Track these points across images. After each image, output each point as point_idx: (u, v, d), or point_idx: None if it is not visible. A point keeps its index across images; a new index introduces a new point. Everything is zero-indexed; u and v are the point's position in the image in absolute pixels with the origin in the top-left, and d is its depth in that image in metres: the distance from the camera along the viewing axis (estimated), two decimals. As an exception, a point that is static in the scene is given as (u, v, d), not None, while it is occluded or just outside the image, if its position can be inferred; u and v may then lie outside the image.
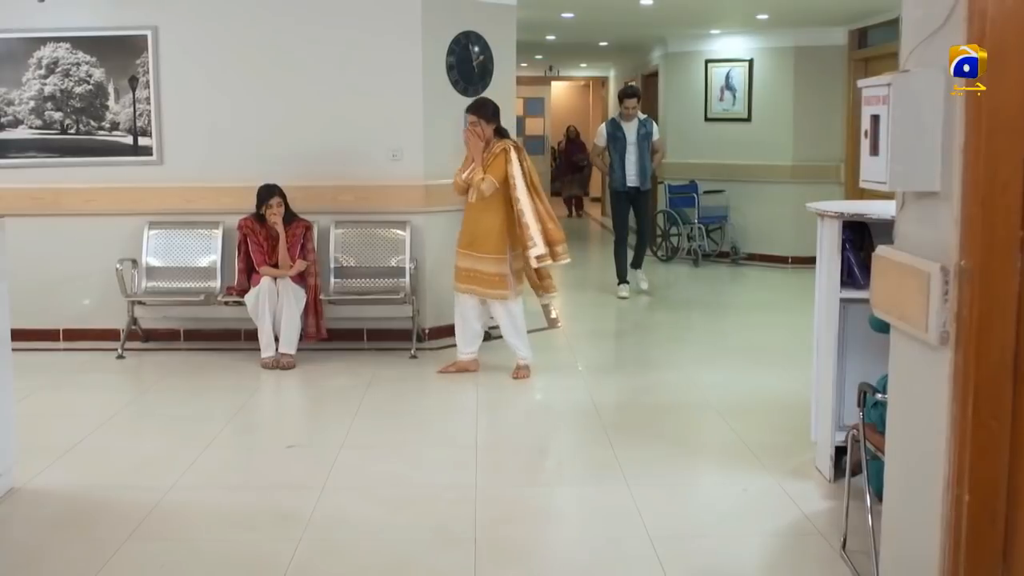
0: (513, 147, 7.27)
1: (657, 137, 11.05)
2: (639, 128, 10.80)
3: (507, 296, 7.32)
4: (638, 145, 10.77)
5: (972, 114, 2.88)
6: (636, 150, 10.78)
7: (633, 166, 10.79)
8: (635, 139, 10.77)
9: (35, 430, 5.87)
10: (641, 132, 10.79)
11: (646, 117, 11.06)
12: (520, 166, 7.21)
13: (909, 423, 3.35)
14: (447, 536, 4.57)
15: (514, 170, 7.19)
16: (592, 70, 22.28)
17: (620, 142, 10.80)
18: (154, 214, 8.34)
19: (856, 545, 4.26)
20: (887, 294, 3.36)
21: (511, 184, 7.19)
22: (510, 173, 7.18)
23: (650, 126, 10.95)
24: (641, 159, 10.78)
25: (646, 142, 10.80)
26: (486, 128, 7.30)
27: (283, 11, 8.28)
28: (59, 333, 8.45)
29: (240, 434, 6.29)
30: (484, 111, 7.34)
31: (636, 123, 10.82)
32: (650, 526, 4.61)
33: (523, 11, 9.21)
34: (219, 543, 4.50)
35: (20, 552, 4.49)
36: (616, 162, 10.83)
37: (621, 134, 10.81)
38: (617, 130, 10.85)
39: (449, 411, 6.76)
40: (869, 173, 3.33)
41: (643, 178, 10.82)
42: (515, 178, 7.18)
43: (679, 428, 6.51)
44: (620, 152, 10.80)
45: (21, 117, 8.35)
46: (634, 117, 10.83)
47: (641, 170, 10.79)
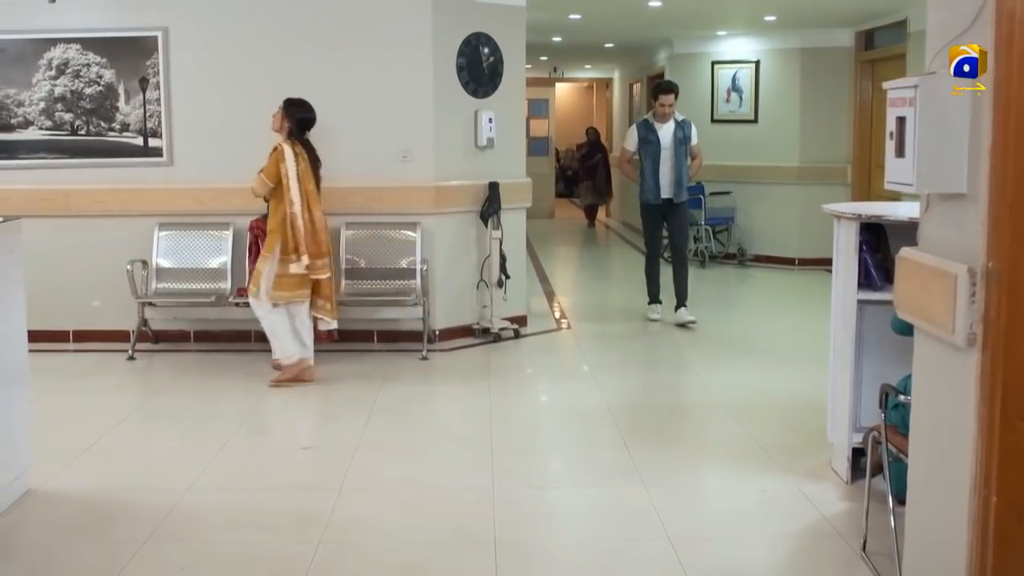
0: (291, 146, 7.15)
1: (696, 142, 9.53)
2: (675, 131, 9.34)
3: (251, 292, 7.26)
4: (674, 151, 9.29)
5: (1000, 116, 2.88)
6: (671, 156, 9.30)
7: (667, 175, 9.32)
8: (670, 143, 9.30)
9: (48, 432, 5.86)
10: (678, 136, 9.31)
11: (684, 119, 9.50)
12: (296, 167, 7.09)
13: (934, 424, 3.35)
14: (466, 537, 4.57)
15: (286, 170, 7.07)
16: (596, 71, 22.27)
17: (653, 146, 9.34)
18: (164, 215, 8.34)
19: (876, 547, 4.25)
20: (912, 296, 3.36)
21: (284, 185, 7.09)
22: (282, 173, 7.08)
23: (688, 129, 9.43)
24: (676, 167, 9.30)
25: (683, 147, 9.34)
26: (283, 121, 7.23)
27: (294, 12, 8.29)
28: (69, 334, 8.45)
29: (254, 435, 6.30)
30: (287, 105, 7.30)
31: (672, 125, 9.37)
32: (669, 527, 4.61)
33: (531, 12, 9.21)
34: (238, 545, 4.50)
35: (38, 555, 4.49)
36: (648, 169, 9.37)
37: (654, 137, 9.33)
38: (650, 132, 9.38)
39: (462, 413, 6.76)
40: (895, 175, 3.34)
41: (678, 189, 9.36)
42: (287, 179, 7.07)
43: (693, 429, 6.53)
44: (652, 158, 9.33)
45: (31, 118, 8.35)
46: (670, 117, 9.37)
47: (676, 180, 9.32)
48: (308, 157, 7.20)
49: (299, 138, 7.23)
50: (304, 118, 7.29)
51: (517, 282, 8.94)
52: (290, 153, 7.10)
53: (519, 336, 8.80)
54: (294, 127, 7.22)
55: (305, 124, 7.30)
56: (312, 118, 7.35)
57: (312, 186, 7.17)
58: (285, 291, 7.17)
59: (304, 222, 7.07)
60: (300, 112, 7.27)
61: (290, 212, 7.05)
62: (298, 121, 7.25)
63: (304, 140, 7.28)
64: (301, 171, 7.10)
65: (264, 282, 7.15)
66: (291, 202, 7.04)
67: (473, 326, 8.72)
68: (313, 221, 7.13)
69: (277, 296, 7.17)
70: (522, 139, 9.38)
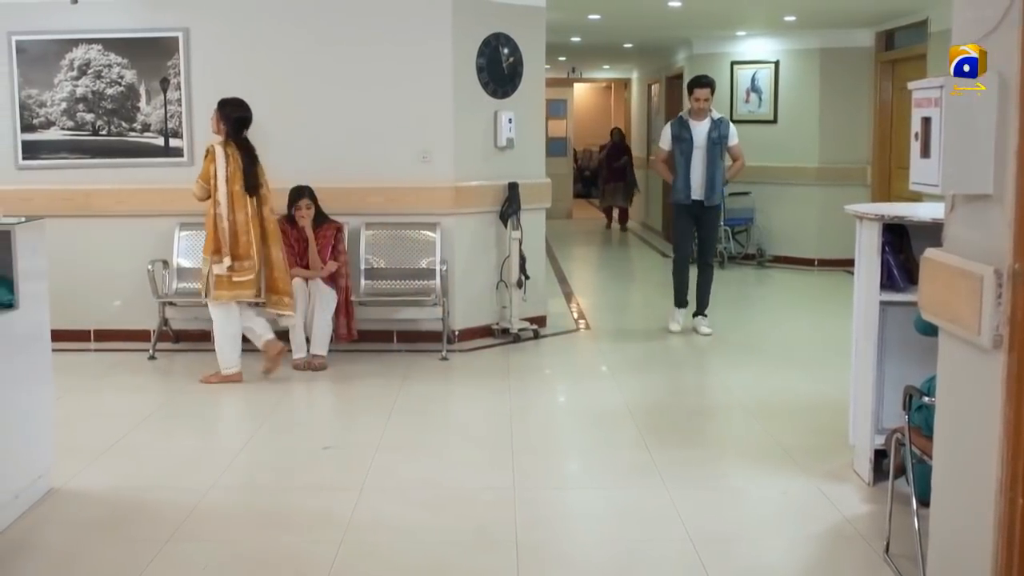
0: (224, 147, 7.17)
1: (735, 142, 8.99)
2: (711, 129, 8.84)
3: (202, 293, 7.31)
4: (707, 150, 8.83)
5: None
6: (704, 156, 8.83)
7: (699, 175, 8.85)
8: (704, 143, 8.83)
9: (70, 431, 5.89)
10: (713, 135, 8.82)
11: (721, 117, 8.99)
12: (225, 169, 7.11)
13: (959, 426, 3.33)
14: (487, 538, 4.57)
15: (215, 171, 7.10)
16: (615, 72, 22.26)
17: (686, 145, 8.87)
18: (185, 215, 8.35)
19: (899, 549, 4.24)
20: (936, 297, 3.34)
21: (212, 186, 7.13)
22: (211, 174, 7.12)
23: (725, 128, 8.90)
24: (710, 167, 8.82)
25: (718, 147, 8.85)
26: (219, 123, 7.26)
27: (314, 13, 8.31)
28: (90, 334, 8.48)
29: (275, 435, 6.31)
30: (221, 106, 7.32)
31: (708, 123, 8.87)
32: (690, 528, 4.60)
33: (550, 13, 9.20)
34: (260, 544, 4.51)
35: (61, 553, 4.50)
36: (680, 169, 8.92)
37: (687, 135, 8.86)
38: (683, 130, 8.90)
39: (482, 413, 6.76)
40: (920, 176, 3.32)
41: (710, 191, 8.85)
42: (215, 180, 7.10)
43: (713, 430, 6.52)
44: (685, 157, 8.88)
45: (53, 119, 8.39)
46: (706, 115, 8.88)
47: (709, 180, 8.82)
48: (243, 158, 7.21)
49: (236, 138, 7.25)
50: (240, 117, 7.30)
51: (536, 283, 8.94)
52: (221, 155, 7.13)
53: (538, 337, 8.79)
54: (231, 128, 7.24)
55: (241, 123, 7.32)
56: (248, 117, 7.37)
57: (239, 188, 7.16)
58: (225, 290, 7.20)
59: (229, 224, 7.11)
60: (236, 112, 7.29)
61: (215, 213, 7.11)
62: (234, 121, 7.26)
63: (241, 140, 7.29)
64: (230, 173, 7.13)
65: (208, 283, 7.22)
66: (217, 203, 7.11)
67: (492, 326, 8.73)
68: (235, 223, 7.15)
69: (219, 295, 7.20)
70: (541, 140, 9.39)
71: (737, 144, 9.02)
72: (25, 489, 4.83)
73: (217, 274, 7.12)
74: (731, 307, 10.30)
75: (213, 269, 7.12)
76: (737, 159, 9.14)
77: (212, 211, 7.11)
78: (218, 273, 7.12)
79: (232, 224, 7.12)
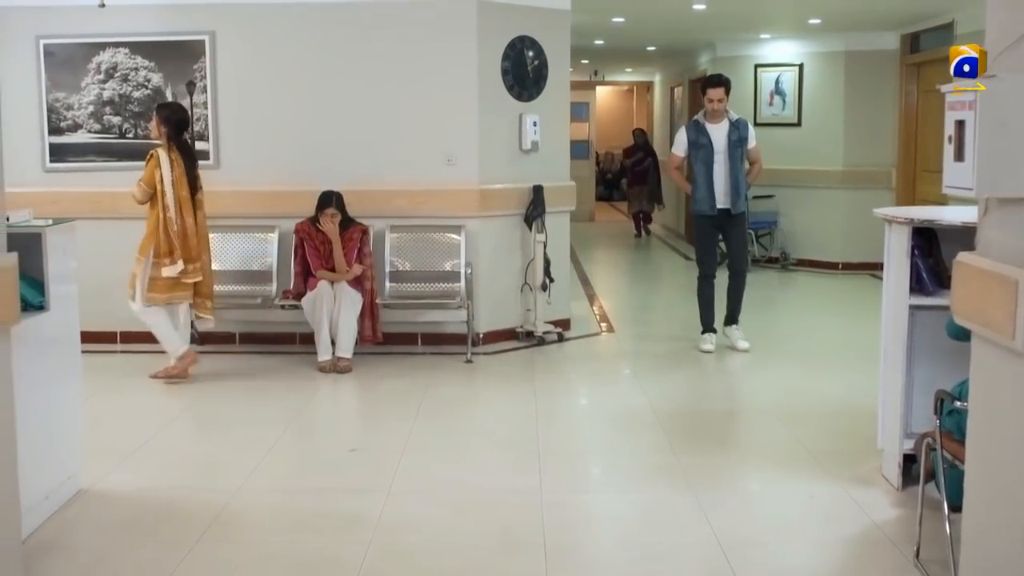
0: (167, 152, 7.25)
1: (754, 144, 8.47)
2: (730, 132, 8.29)
3: (130, 295, 7.38)
4: (728, 154, 8.26)
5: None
6: (726, 161, 8.26)
7: (722, 182, 8.27)
8: (724, 147, 8.27)
9: (99, 432, 5.91)
10: (733, 137, 8.27)
11: (739, 118, 8.47)
12: (171, 173, 7.21)
13: (992, 431, 3.31)
14: (515, 541, 4.57)
15: (161, 176, 7.19)
16: (637, 75, 22.25)
17: (704, 151, 8.29)
18: (210, 218, 8.33)
19: (930, 554, 4.22)
20: (969, 301, 3.32)
21: (159, 191, 7.22)
22: (156, 179, 7.20)
23: (744, 129, 8.37)
24: (732, 173, 8.26)
25: (738, 150, 8.30)
26: (159, 127, 7.34)
27: (339, 17, 8.33)
28: (116, 335, 8.52)
29: (301, 437, 6.33)
30: (159, 110, 7.43)
31: (726, 125, 8.32)
32: (718, 532, 4.59)
33: (574, 16, 9.19)
34: (289, 546, 4.52)
35: (91, 554, 4.52)
36: (700, 177, 8.32)
37: (706, 139, 8.30)
38: (701, 135, 8.33)
39: (508, 416, 6.76)
40: (953, 179, 3.31)
41: (735, 197, 8.29)
42: (162, 184, 7.20)
43: (739, 434, 6.52)
44: (705, 164, 8.28)
45: (80, 122, 8.44)
46: (722, 116, 8.35)
47: (733, 187, 8.26)
48: (184, 161, 7.32)
49: (177, 141, 7.35)
50: (179, 119, 7.43)
51: (560, 286, 8.93)
52: (166, 159, 7.22)
53: (563, 340, 8.79)
54: (171, 131, 7.34)
55: (181, 125, 7.44)
56: (186, 118, 7.54)
57: (185, 192, 7.29)
58: (159, 293, 7.30)
59: (179, 227, 7.23)
60: (174, 115, 7.42)
61: (164, 217, 7.21)
62: (174, 124, 7.36)
63: (182, 142, 7.41)
64: (175, 177, 7.23)
65: (139, 285, 7.29)
66: (166, 207, 7.21)
67: (517, 329, 8.73)
68: (185, 227, 7.27)
69: (152, 298, 7.29)
70: (566, 142, 9.37)
71: (756, 146, 8.49)
72: (55, 490, 4.86)
73: (165, 276, 7.23)
74: (755, 310, 10.25)
75: (163, 272, 7.23)
76: (755, 162, 8.54)
77: (160, 215, 7.22)
78: (167, 275, 7.24)
79: (182, 228, 7.27)
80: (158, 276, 7.26)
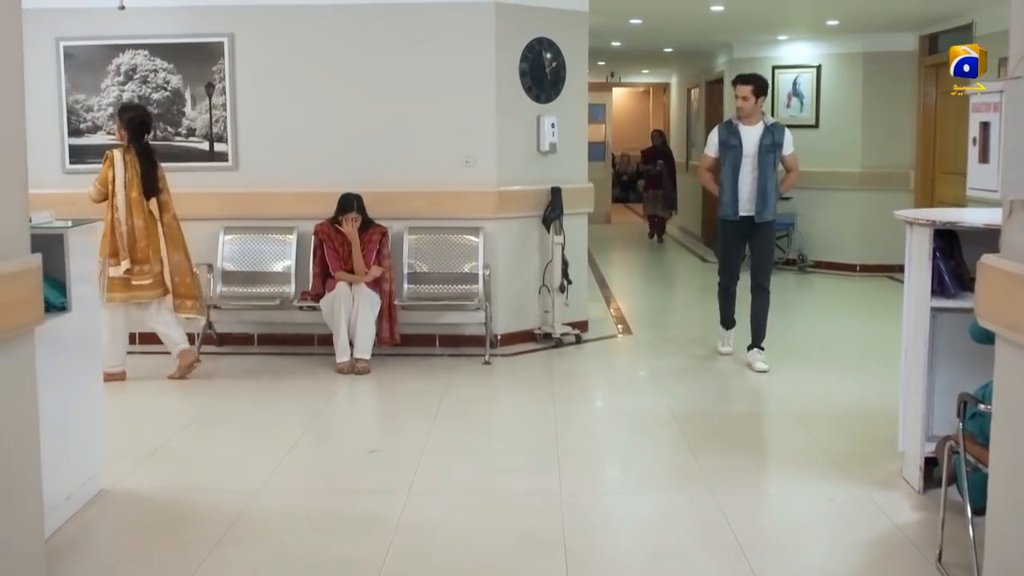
0: (123, 153, 7.32)
1: (790, 151, 7.93)
2: (763, 136, 7.77)
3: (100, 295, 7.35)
4: (758, 159, 7.74)
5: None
6: (754, 165, 7.75)
7: (747, 187, 7.78)
8: (755, 151, 7.75)
9: (118, 433, 5.91)
10: (765, 142, 7.75)
11: (775, 122, 7.98)
12: (123, 174, 7.27)
13: (1017, 434, 3.29)
14: (535, 543, 4.56)
15: (113, 176, 7.27)
16: (654, 76, 22.23)
17: (734, 152, 7.82)
18: (229, 219, 8.43)
19: (952, 558, 4.20)
20: (994, 304, 3.31)
21: (110, 191, 7.28)
22: (109, 179, 7.27)
23: (780, 135, 7.82)
24: (761, 178, 7.73)
25: (771, 156, 7.77)
26: (121, 130, 7.41)
27: (357, 19, 8.34)
28: (135, 336, 8.51)
29: (321, 438, 6.34)
30: (121, 113, 7.49)
31: (760, 128, 7.80)
32: (739, 535, 4.58)
33: (591, 17, 9.18)
34: (310, 548, 4.53)
35: (112, 554, 4.55)
36: (727, 181, 7.84)
37: (736, 141, 7.81)
38: (732, 136, 7.85)
39: (527, 417, 6.76)
40: (978, 181, 3.31)
41: (762, 205, 7.75)
42: (112, 185, 7.27)
43: (758, 436, 6.51)
44: (733, 166, 7.81)
45: (100, 123, 8.47)
46: (755, 117, 7.84)
47: (760, 194, 7.73)
48: (142, 164, 7.35)
49: (138, 144, 7.40)
50: (141, 122, 7.48)
51: (578, 287, 8.93)
52: (120, 161, 7.30)
53: (580, 341, 8.78)
54: (131, 134, 7.40)
55: (142, 127, 7.48)
56: (147, 122, 7.59)
57: (136, 194, 7.31)
58: (117, 292, 7.32)
59: (127, 228, 7.28)
60: (136, 117, 7.48)
61: (113, 217, 7.28)
62: (136, 127, 7.42)
63: (142, 146, 7.43)
64: (128, 179, 7.28)
65: (100, 284, 7.25)
66: (116, 207, 7.29)
67: (535, 331, 8.73)
68: (134, 228, 7.30)
69: (111, 297, 7.29)
70: (584, 144, 9.38)
71: (792, 154, 7.95)
72: (77, 490, 4.87)
73: (111, 277, 7.26)
74: (773, 313, 10.18)
75: (108, 272, 7.26)
76: (791, 170, 8.07)
77: (110, 215, 7.28)
78: (112, 276, 7.27)
79: (131, 229, 7.30)
80: (114, 276, 7.32)
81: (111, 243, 7.26)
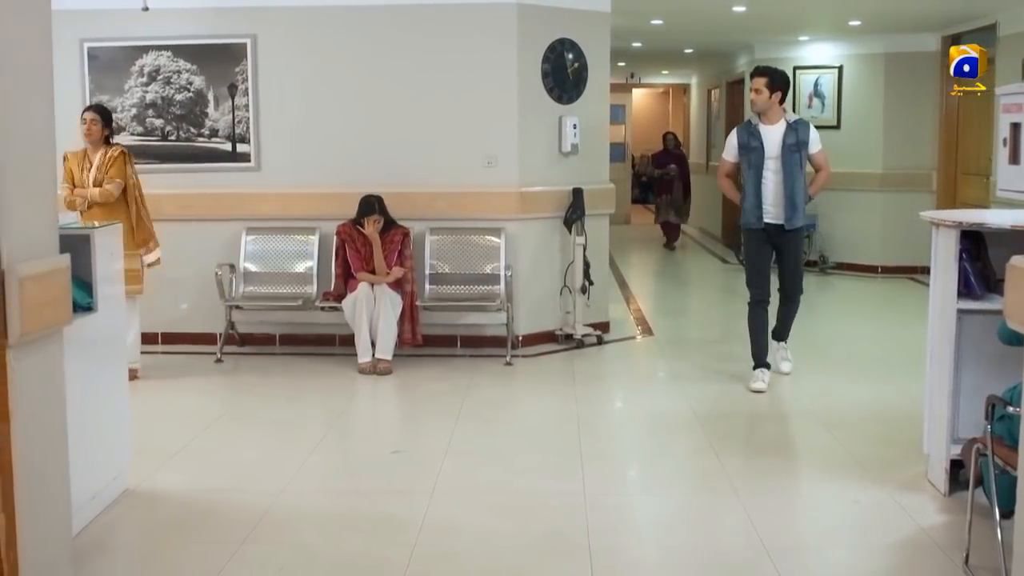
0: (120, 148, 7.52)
1: (817, 149, 7.23)
2: (786, 135, 7.12)
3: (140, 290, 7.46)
4: (782, 160, 7.08)
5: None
6: (778, 167, 7.10)
7: (772, 192, 7.13)
8: (778, 151, 7.10)
9: (142, 432, 5.92)
10: (788, 141, 7.09)
11: (798, 119, 7.30)
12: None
13: (1047, 437, 3.28)
14: (560, 543, 4.56)
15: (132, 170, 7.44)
16: (674, 77, 22.19)
17: (755, 154, 7.16)
18: (251, 220, 8.45)
19: (979, 560, 4.17)
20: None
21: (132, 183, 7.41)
22: (127, 173, 7.35)
23: (805, 132, 7.16)
24: (787, 182, 7.06)
25: (796, 156, 7.10)
26: (103, 130, 7.46)
27: (379, 20, 8.36)
28: (158, 336, 8.57)
29: (343, 439, 6.36)
30: (102, 111, 7.55)
31: (782, 127, 7.15)
32: (764, 536, 4.57)
33: (613, 18, 9.17)
34: (335, 547, 4.54)
35: (138, 554, 4.58)
36: (749, 186, 7.21)
37: (757, 142, 7.15)
38: (752, 137, 7.19)
39: (549, 418, 6.75)
40: (1008, 182, 3.29)
41: (790, 211, 7.09)
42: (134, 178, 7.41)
43: (782, 438, 6.49)
44: (755, 169, 7.15)
45: (123, 124, 8.50)
46: (777, 117, 7.20)
47: (787, 198, 7.07)
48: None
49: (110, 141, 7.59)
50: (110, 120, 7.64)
51: (599, 288, 8.92)
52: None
53: (602, 342, 8.77)
54: (112, 132, 7.60)
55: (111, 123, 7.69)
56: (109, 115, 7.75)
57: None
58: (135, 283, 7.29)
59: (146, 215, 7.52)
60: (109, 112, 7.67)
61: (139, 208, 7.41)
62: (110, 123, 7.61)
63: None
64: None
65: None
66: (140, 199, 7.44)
67: (556, 332, 8.72)
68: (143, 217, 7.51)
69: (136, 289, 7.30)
70: (606, 145, 9.38)
71: (820, 151, 7.26)
72: (102, 490, 4.89)
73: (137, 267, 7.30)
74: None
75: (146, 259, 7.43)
76: (820, 169, 7.33)
77: (134, 208, 7.36)
78: (150, 262, 7.46)
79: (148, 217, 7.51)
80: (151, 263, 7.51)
81: (139, 232, 7.32)
